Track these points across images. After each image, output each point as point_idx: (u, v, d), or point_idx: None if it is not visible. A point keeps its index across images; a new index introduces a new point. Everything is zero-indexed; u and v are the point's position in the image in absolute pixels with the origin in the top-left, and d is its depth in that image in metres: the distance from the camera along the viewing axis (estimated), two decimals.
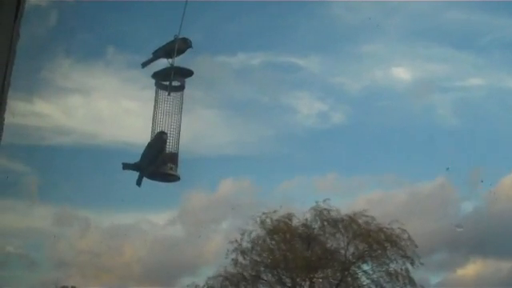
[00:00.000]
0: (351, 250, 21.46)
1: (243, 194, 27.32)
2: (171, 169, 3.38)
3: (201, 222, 24.26)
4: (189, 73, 3.52)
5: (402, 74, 28.44)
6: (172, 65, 3.49)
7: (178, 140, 3.44)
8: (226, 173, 26.06)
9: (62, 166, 24.59)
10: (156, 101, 3.47)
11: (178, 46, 3.48)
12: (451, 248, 23.83)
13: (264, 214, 21.41)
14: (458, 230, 20.98)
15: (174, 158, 3.41)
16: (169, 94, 3.46)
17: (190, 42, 3.54)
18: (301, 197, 27.44)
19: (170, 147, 3.41)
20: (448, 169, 21.70)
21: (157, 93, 3.48)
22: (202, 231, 24.58)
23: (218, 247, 22.14)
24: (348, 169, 27.36)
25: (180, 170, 3.43)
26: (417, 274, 20.92)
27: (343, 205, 23.82)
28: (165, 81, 3.48)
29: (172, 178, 3.42)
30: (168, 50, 3.50)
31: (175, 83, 3.49)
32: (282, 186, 27.04)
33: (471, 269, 24.08)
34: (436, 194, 25.00)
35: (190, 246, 24.33)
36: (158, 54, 3.55)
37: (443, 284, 23.32)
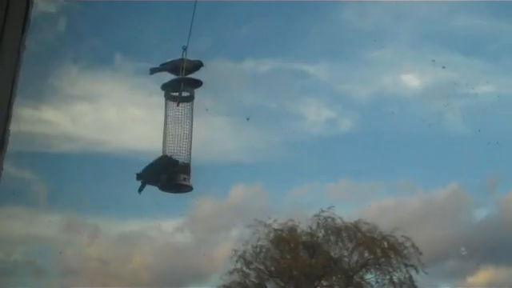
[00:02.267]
0: (355, 258, 21.42)
1: (254, 201, 27.22)
2: (184, 179, 3.42)
3: (211, 229, 24.18)
4: (198, 83, 3.53)
5: (411, 80, 28.34)
6: (181, 76, 3.49)
7: (190, 150, 3.46)
8: (236, 179, 25.90)
9: (70, 174, 24.54)
10: (166, 112, 3.48)
11: (187, 66, 3.49)
12: (462, 255, 23.71)
13: (266, 225, 21.32)
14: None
15: (186, 168, 3.43)
16: (178, 105, 3.46)
17: (201, 63, 3.54)
18: (312, 203, 27.29)
19: (181, 158, 3.43)
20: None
21: (166, 104, 3.49)
22: (212, 238, 24.50)
23: (227, 254, 22.06)
24: (359, 175, 27.23)
25: (191, 178, 3.45)
26: (425, 282, 20.78)
27: (355, 212, 23.74)
28: (174, 92, 3.49)
29: (185, 188, 3.45)
30: (176, 67, 3.50)
31: (185, 94, 3.50)
32: (294, 193, 26.92)
33: (482, 276, 23.87)
34: (449, 201, 24.89)
35: (200, 253, 24.26)
36: (165, 67, 3.55)
37: None
